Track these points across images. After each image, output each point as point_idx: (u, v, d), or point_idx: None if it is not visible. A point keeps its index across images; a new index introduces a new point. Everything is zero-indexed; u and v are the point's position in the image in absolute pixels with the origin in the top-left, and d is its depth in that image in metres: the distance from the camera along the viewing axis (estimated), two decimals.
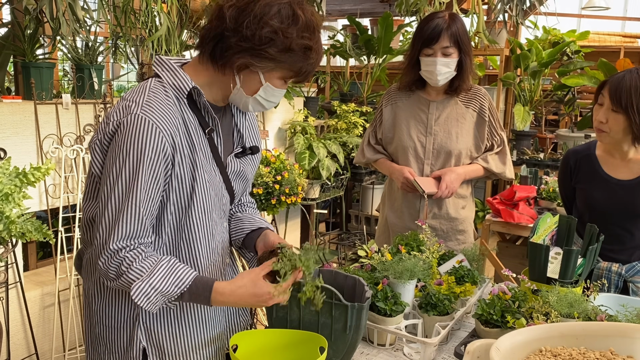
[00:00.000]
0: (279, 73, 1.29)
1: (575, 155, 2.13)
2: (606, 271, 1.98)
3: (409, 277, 1.60)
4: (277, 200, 2.89)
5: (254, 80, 1.30)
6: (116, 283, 1.24)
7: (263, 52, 1.23)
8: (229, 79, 1.30)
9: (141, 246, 1.25)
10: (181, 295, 1.25)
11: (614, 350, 1.19)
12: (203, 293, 1.25)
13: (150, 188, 1.23)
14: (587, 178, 2.08)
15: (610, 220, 1.99)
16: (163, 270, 1.23)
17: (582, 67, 4.88)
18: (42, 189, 2.51)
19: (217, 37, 1.25)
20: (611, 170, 2.02)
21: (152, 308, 1.24)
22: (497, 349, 1.15)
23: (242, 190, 1.51)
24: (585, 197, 2.09)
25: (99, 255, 1.23)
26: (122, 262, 1.22)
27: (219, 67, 1.29)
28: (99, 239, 1.23)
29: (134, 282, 1.21)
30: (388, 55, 4.58)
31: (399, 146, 2.36)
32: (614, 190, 2.00)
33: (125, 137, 1.21)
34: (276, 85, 1.31)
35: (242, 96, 1.32)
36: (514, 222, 3.09)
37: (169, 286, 1.23)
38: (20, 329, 2.50)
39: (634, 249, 2.01)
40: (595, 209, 2.04)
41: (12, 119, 2.37)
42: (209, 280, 1.27)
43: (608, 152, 2.04)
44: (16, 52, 2.61)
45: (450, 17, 2.20)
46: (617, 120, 1.87)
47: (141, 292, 1.21)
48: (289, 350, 1.35)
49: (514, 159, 4.60)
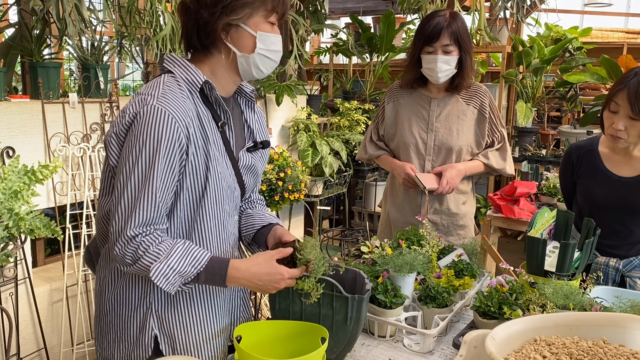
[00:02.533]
0: (260, 16, 1.34)
1: (577, 151, 2.14)
2: (604, 266, 2.01)
3: (408, 270, 1.64)
4: (280, 197, 2.93)
5: (245, 36, 1.34)
6: (132, 268, 1.28)
7: (232, 3, 1.30)
8: (225, 53, 1.35)
9: (157, 232, 1.28)
10: (197, 276, 1.29)
11: (606, 340, 1.22)
12: (219, 272, 1.30)
13: (166, 176, 1.26)
14: (588, 173, 2.09)
15: (609, 216, 2.01)
16: (179, 251, 1.27)
17: (585, 63, 4.90)
18: (50, 186, 2.56)
19: (194, 25, 1.33)
20: (613, 167, 2.03)
21: (171, 289, 1.27)
22: (492, 338, 1.19)
23: (252, 185, 1.55)
24: (585, 193, 2.10)
25: (115, 242, 1.27)
26: (139, 247, 1.26)
27: (213, 47, 1.35)
28: (115, 226, 1.26)
29: (152, 264, 1.25)
30: (390, 53, 4.61)
31: (401, 142, 2.39)
32: (615, 186, 2.01)
33: (142, 127, 1.25)
34: (266, 29, 1.36)
35: (247, 60, 1.36)
36: (514, 217, 3.12)
37: (186, 266, 1.27)
38: (30, 324, 2.55)
39: (632, 245, 2.03)
40: (595, 205, 2.05)
41: (20, 118, 2.41)
42: (224, 259, 1.32)
43: (611, 148, 2.05)
44: (23, 53, 2.65)
45: (451, 16, 2.24)
46: (636, 127, 1.86)
47: (160, 273, 1.25)
48: (291, 341, 1.39)
49: (516, 156, 4.63)
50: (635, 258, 2.01)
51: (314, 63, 6.10)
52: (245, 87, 1.50)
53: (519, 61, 4.98)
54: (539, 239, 1.70)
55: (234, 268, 1.31)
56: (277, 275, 1.31)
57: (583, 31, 5.43)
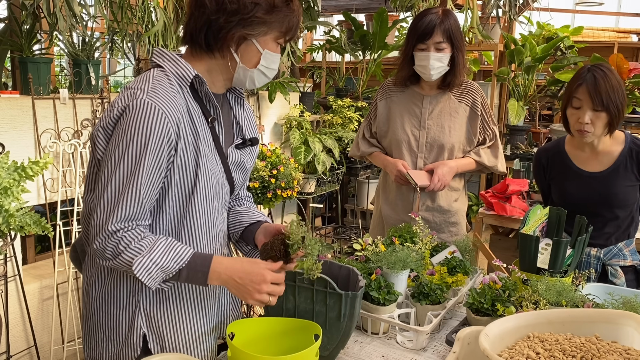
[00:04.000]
0: (272, 35, 1.33)
1: (546, 153, 2.24)
2: (586, 255, 2.10)
3: (401, 267, 1.63)
4: (272, 194, 2.93)
5: (252, 51, 1.34)
6: (112, 262, 1.26)
7: (253, 18, 1.28)
8: (228, 60, 1.34)
9: (139, 227, 1.27)
10: (179, 273, 1.28)
11: (599, 336, 1.22)
12: (202, 268, 1.28)
13: (152, 172, 1.25)
14: (560, 174, 2.17)
15: (585, 210, 2.05)
16: (162, 247, 1.26)
17: (576, 62, 4.92)
18: (40, 183, 2.53)
19: (205, 24, 1.30)
20: (582, 164, 2.12)
21: (152, 284, 1.26)
22: (486, 335, 1.19)
23: (241, 182, 1.54)
24: (560, 192, 2.19)
25: (96, 236, 1.24)
26: (120, 242, 1.24)
27: (217, 51, 1.33)
28: (97, 219, 1.24)
29: (134, 258, 1.23)
30: (383, 51, 4.61)
31: (393, 140, 2.39)
32: (587, 182, 2.10)
33: (130, 121, 1.23)
34: (272, 49, 1.36)
35: (245, 72, 1.36)
36: (506, 215, 3.13)
37: (169, 262, 1.25)
38: (20, 321, 2.53)
39: (609, 234, 2.12)
40: (571, 202, 2.12)
41: (10, 114, 2.39)
42: (207, 255, 1.31)
43: (577, 147, 2.14)
44: (13, 48, 2.63)
45: (443, 13, 2.24)
46: (600, 118, 1.97)
47: (143, 267, 1.24)
48: (284, 338, 1.39)
49: (508, 154, 4.64)
50: (614, 247, 2.11)
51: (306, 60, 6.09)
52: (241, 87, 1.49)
53: (511, 59, 4.99)
54: (532, 236, 1.71)
55: (217, 262, 1.30)
56: (258, 275, 1.27)
57: (574, 30, 5.45)
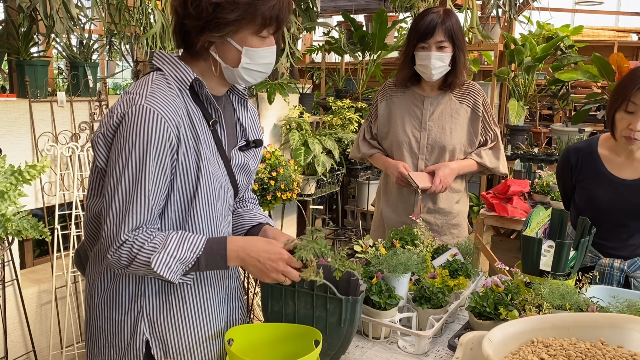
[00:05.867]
0: (248, 31, 1.27)
1: (576, 153, 2.07)
2: (608, 267, 1.97)
3: (402, 270, 1.61)
4: (272, 196, 2.91)
5: (230, 50, 1.29)
6: (130, 268, 1.26)
7: (215, 20, 1.24)
8: (212, 62, 1.32)
9: (148, 230, 1.26)
10: (198, 261, 1.27)
11: (604, 341, 1.20)
12: (219, 251, 1.28)
13: (158, 177, 1.24)
14: (589, 177, 2.03)
15: (612, 219, 1.97)
16: (175, 240, 1.26)
17: (576, 61, 4.91)
18: (38, 186, 2.51)
19: (180, 29, 1.29)
20: (615, 170, 1.97)
21: (175, 277, 1.25)
22: (489, 340, 1.17)
23: (245, 185, 1.52)
24: (587, 196, 2.04)
25: (108, 247, 1.24)
26: (132, 246, 1.23)
27: (197, 53, 1.31)
28: (107, 231, 1.24)
29: (151, 256, 1.23)
30: (383, 51, 4.59)
31: (394, 141, 2.37)
32: (618, 190, 1.96)
33: (130, 127, 1.22)
34: (255, 44, 1.29)
35: (232, 72, 1.32)
36: (507, 216, 3.11)
37: (185, 252, 1.25)
38: (18, 326, 2.51)
39: (636, 246, 1.99)
40: (597, 208, 2.00)
41: (7, 117, 2.37)
42: (221, 238, 1.31)
43: (612, 150, 1.99)
44: (10, 51, 2.61)
45: (445, 13, 2.22)
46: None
47: (162, 263, 1.23)
48: (284, 344, 1.37)
49: (509, 154, 4.63)
50: (639, 259, 1.97)
51: (306, 61, 6.07)
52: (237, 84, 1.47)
53: (511, 59, 4.98)
54: (535, 238, 1.69)
55: (232, 242, 1.30)
56: (277, 254, 1.28)
57: (574, 29, 5.44)
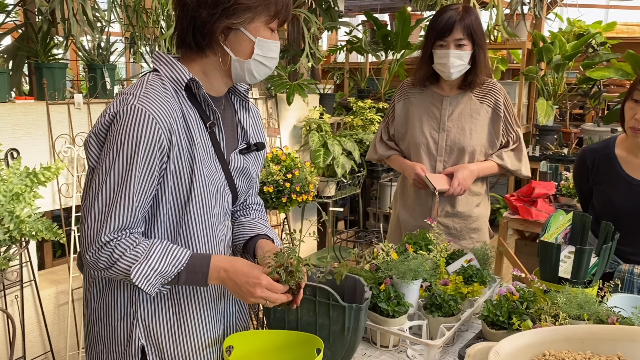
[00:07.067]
0: (261, 20, 1.28)
1: (592, 154, 2.02)
2: (628, 274, 1.89)
3: (412, 277, 1.56)
4: (287, 199, 2.87)
5: (244, 41, 1.28)
6: (107, 272, 1.24)
7: (234, 5, 1.23)
8: (220, 56, 1.29)
9: (132, 235, 1.24)
10: (178, 276, 1.25)
11: (622, 355, 1.13)
12: (201, 269, 1.25)
13: (144, 180, 1.22)
14: (606, 179, 1.97)
15: (631, 223, 1.90)
16: (158, 251, 1.23)
17: (609, 59, 4.74)
18: (55, 188, 2.53)
19: (190, 23, 1.26)
20: (633, 171, 1.92)
21: (152, 290, 1.24)
22: (496, 353, 1.11)
23: (246, 189, 1.48)
24: (604, 199, 1.98)
25: (88, 247, 1.22)
26: (114, 251, 1.21)
27: (208, 49, 1.29)
28: (87, 230, 1.21)
29: (131, 266, 1.21)
30: (406, 50, 4.52)
31: (411, 142, 2.31)
32: (636, 192, 1.90)
33: (120, 127, 1.20)
34: (266, 36, 1.30)
35: (242, 65, 1.30)
36: (532, 219, 3.01)
37: (166, 266, 1.23)
38: (36, 327, 2.54)
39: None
40: (615, 211, 1.94)
41: (25, 119, 2.39)
42: (205, 255, 1.27)
43: (630, 151, 1.94)
44: (29, 54, 2.64)
45: (464, 9, 2.15)
46: None
47: (141, 274, 1.21)
48: (285, 352, 1.33)
49: (537, 155, 4.49)
50: None
51: (330, 61, 6.03)
52: (239, 86, 1.44)
53: (539, 58, 4.84)
54: (553, 244, 1.61)
55: (215, 261, 1.27)
56: (254, 278, 1.23)
57: (607, 26, 5.26)
